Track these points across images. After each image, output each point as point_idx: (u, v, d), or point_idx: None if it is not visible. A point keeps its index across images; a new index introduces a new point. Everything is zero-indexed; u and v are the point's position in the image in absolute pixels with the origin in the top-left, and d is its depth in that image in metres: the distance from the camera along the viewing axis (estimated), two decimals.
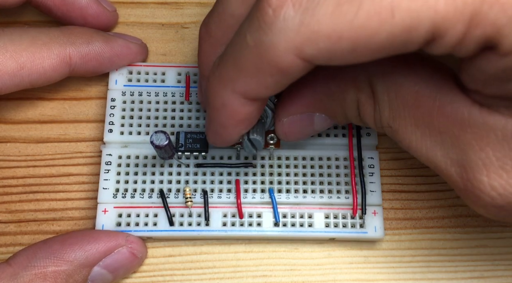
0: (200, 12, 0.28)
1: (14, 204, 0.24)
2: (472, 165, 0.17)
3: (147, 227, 0.23)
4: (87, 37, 0.24)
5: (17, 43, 0.22)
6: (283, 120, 0.21)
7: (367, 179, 0.24)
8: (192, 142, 0.24)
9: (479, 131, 0.17)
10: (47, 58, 0.23)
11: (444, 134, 0.18)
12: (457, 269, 0.24)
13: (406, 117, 0.18)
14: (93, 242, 0.21)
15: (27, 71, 0.22)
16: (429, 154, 0.18)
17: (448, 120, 0.17)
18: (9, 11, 0.28)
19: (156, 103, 0.25)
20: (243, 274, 0.24)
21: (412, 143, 0.19)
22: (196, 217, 0.23)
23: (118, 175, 0.23)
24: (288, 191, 0.23)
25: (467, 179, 0.17)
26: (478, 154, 0.17)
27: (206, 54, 0.21)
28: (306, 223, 0.23)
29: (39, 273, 0.20)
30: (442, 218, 0.25)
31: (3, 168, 0.25)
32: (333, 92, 0.20)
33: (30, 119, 0.26)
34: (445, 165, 0.18)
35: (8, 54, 0.22)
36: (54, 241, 0.21)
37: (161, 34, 0.28)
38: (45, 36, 0.23)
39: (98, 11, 0.25)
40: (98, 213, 0.23)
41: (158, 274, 0.23)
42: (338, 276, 0.24)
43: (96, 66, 0.24)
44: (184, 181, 0.23)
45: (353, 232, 0.23)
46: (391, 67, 0.19)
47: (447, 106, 0.18)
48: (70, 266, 0.21)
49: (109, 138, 0.24)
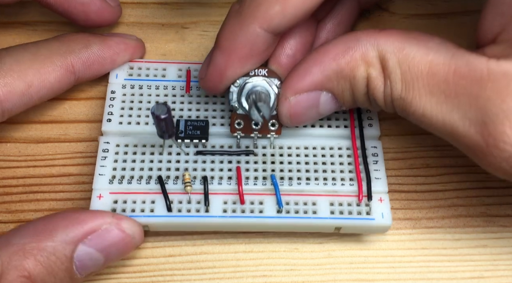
0: (200, 12, 0.28)
1: (14, 204, 0.24)
2: (494, 119, 0.18)
3: (144, 213, 0.22)
4: (84, 41, 0.24)
5: (21, 62, 0.22)
6: (289, 99, 0.21)
7: (371, 167, 0.23)
8: (192, 128, 0.23)
9: (499, 84, 0.17)
10: (52, 72, 0.23)
11: (462, 96, 0.18)
12: (457, 269, 0.24)
13: (421, 88, 0.19)
14: (77, 218, 0.20)
15: (35, 88, 0.23)
16: (445, 119, 0.19)
17: (466, 82, 0.18)
18: (9, 11, 0.28)
19: (156, 96, 0.25)
20: (243, 274, 0.24)
21: (427, 111, 0.19)
22: (195, 203, 0.22)
23: (115, 162, 0.23)
24: (291, 178, 0.23)
25: (489, 134, 0.18)
26: (500, 106, 0.17)
27: (232, 28, 0.21)
28: (310, 210, 0.22)
29: (18, 250, 0.19)
30: (442, 218, 0.25)
31: (3, 168, 0.25)
32: (343, 69, 0.20)
33: (30, 120, 0.26)
34: (463, 127, 0.18)
35: (15, 75, 0.22)
36: (37, 220, 0.20)
37: (161, 34, 0.28)
38: (45, 50, 0.23)
39: (101, 7, 0.25)
40: (92, 199, 0.22)
41: (158, 274, 0.23)
42: (338, 276, 0.23)
43: (98, 68, 0.25)
44: (184, 169, 0.23)
45: (359, 218, 0.22)
46: (400, 43, 0.19)
47: (463, 69, 0.18)
48: (52, 242, 0.19)
49: (108, 128, 0.24)
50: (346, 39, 0.20)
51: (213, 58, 0.21)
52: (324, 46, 0.21)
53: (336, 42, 0.21)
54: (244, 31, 0.20)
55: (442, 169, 0.26)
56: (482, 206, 0.25)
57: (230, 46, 0.21)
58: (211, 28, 0.28)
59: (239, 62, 0.21)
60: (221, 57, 0.21)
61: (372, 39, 0.20)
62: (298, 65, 0.21)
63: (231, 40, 0.21)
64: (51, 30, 0.28)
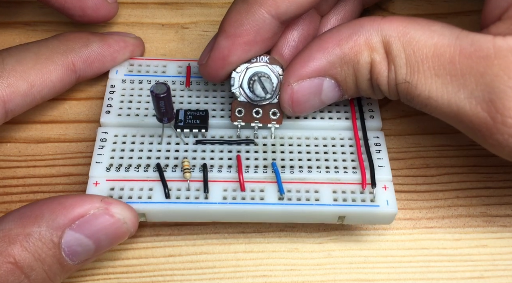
0: (200, 12, 0.28)
1: (14, 204, 0.24)
2: (501, 96, 0.18)
3: (141, 200, 0.21)
4: (84, 40, 0.24)
5: (23, 63, 0.23)
6: (292, 85, 0.21)
7: (374, 156, 0.23)
8: (192, 118, 0.23)
9: (507, 60, 0.18)
10: (53, 71, 0.23)
11: (468, 75, 0.18)
12: (457, 269, 0.24)
13: (426, 70, 0.19)
14: (64, 203, 0.20)
15: (37, 88, 0.23)
16: (451, 100, 0.19)
17: (472, 61, 0.18)
18: (9, 11, 0.28)
19: None
20: (243, 274, 0.24)
21: (433, 93, 0.19)
22: (194, 191, 0.22)
23: (113, 151, 0.23)
24: (292, 167, 0.22)
25: (496, 111, 0.18)
26: (507, 83, 0.18)
27: (238, 13, 0.21)
28: (312, 198, 0.22)
29: (4, 237, 0.18)
30: (442, 218, 0.25)
31: (4, 168, 0.25)
32: (346, 54, 0.20)
33: (31, 120, 0.26)
34: (469, 106, 0.18)
35: (18, 75, 0.22)
36: (25, 206, 0.20)
37: (161, 34, 0.28)
38: (46, 49, 0.23)
39: (98, 3, 0.25)
40: (88, 186, 0.21)
41: (158, 274, 0.23)
42: (338, 276, 0.23)
43: (99, 66, 0.25)
44: (183, 157, 0.22)
45: (364, 205, 0.21)
46: (404, 27, 0.19)
47: (469, 48, 0.18)
48: (38, 228, 0.19)
49: (106, 120, 0.24)
50: (350, 26, 0.20)
51: (217, 42, 0.21)
52: (327, 32, 0.21)
53: (340, 28, 0.21)
54: (251, 16, 0.21)
55: (442, 169, 0.26)
56: (482, 206, 0.25)
57: (235, 31, 0.21)
58: (211, 28, 0.28)
59: (244, 47, 0.21)
60: (225, 42, 0.21)
61: (375, 25, 0.20)
62: (302, 51, 0.21)
63: (237, 25, 0.21)
64: (51, 30, 0.28)
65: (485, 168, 0.26)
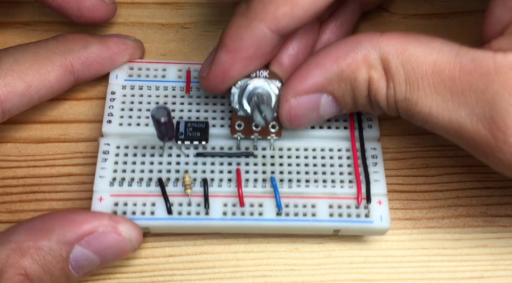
0: (200, 12, 0.28)
1: (14, 204, 0.24)
2: (503, 113, 0.17)
3: (144, 216, 0.22)
4: (83, 41, 0.24)
5: (21, 62, 0.22)
6: (290, 101, 0.21)
7: (370, 169, 0.23)
8: (192, 130, 0.23)
9: (507, 77, 0.17)
10: (51, 71, 0.23)
11: (468, 92, 0.18)
12: (457, 269, 0.24)
13: (426, 87, 0.19)
14: (74, 219, 0.20)
15: (34, 88, 0.23)
16: (452, 117, 0.18)
17: (472, 77, 0.18)
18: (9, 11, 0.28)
19: (156, 97, 0.25)
20: (243, 274, 0.24)
21: (433, 110, 0.19)
22: (195, 206, 0.22)
23: (116, 164, 0.23)
24: (290, 180, 0.23)
25: (497, 129, 0.17)
26: (508, 100, 0.17)
27: (238, 28, 0.21)
28: (309, 213, 0.22)
29: (16, 248, 0.19)
30: (442, 218, 0.25)
31: (4, 168, 0.25)
32: (343, 71, 0.20)
33: (31, 120, 0.26)
34: (471, 123, 0.18)
35: (15, 75, 0.22)
36: (35, 218, 0.21)
37: (161, 34, 0.28)
38: (45, 50, 0.23)
39: (96, 3, 0.25)
40: (93, 201, 0.22)
41: (158, 274, 0.23)
42: (338, 276, 0.24)
43: (98, 68, 0.25)
44: (184, 171, 0.23)
45: (358, 221, 0.22)
46: (402, 44, 0.19)
47: (469, 65, 0.18)
48: (49, 242, 0.20)
49: (108, 129, 0.24)
50: (348, 42, 0.20)
51: (217, 57, 0.21)
52: (325, 49, 0.21)
53: (338, 45, 0.21)
54: (251, 31, 0.20)
55: (442, 169, 0.25)
56: (482, 206, 0.25)
57: (235, 45, 0.21)
58: (211, 28, 0.28)
59: (244, 62, 0.21)
60: (225, 56, 0.21)
61: (373, 42, 0.20)
62: (300, 67, 0.21)
63: (237, 40, 0.21)
64: (51, 30, 0.28)
65: (485, 168, 0.25)
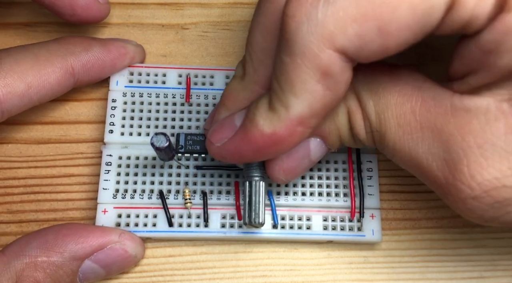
0: (200, 13, 0.28)
1: (15, 205, 0.24)
2: (454, 156, 0.17)
3: (146, 228, 0.23)
4: (85, 44, 0.24)
5: (21, 63, 0.23)
6: (282, 158, 0.21)
7: (365, 182, 0.24)
8: (192, 143, 0.24)
9: (461, 119, 0.17)
10: (51, 73, 0.23)
11: (426, 129, 0.18)
12: (457, 269, 0.24)
13: (390, 118, 0.18)
14: (86, 236, 0.22)
15: (34, 89, 0.23)
16: (411, 151, 0.18)
17: (431, 115, 0.18)
18: (9, 12, 0.28)
19: (157, 105, 0.25)
20: (243, 274, 0.24)
21: (396, 144, 0.19)
22: (195, 218, 0.23)
23: (118, 176, 0.24)
24: (287, 193, 0.24)
25: (449, 172, 0.17)
26: (460, 144, 0.17)
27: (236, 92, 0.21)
28: (304, 225, 0.23)
29: (30, 263, 0.20)
30: (442, 218, 0.25)
31: (5, 168, 0.25)
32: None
33: (31, 121, 0.26)
34: (426, 161, 0.18)
35: (15, 76, 0.22)
36: (48, 231, 0.22)
37: (161, 35, 0.28)
38: (46, 51, 0.23)
39: (89, 2, 0.25)
40: (97, 213, 0.23)
41: (158, 274, 0.23)
42: (337, 276, 0.24)
43: (98, 71, 0.25)
44: (184, 182, 0.24)
45: (350, 235, 0.23)
46: (372, 74, 0.19)
47: (429, 102, 0.18)
48: (61, 257, 0.21)
49: (110, 139, 0.24)
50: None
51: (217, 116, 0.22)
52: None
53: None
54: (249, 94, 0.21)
55: None
56: None
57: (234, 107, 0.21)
58: (211, 29, 0.28)
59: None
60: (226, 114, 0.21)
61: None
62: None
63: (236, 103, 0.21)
64: (51, 31, 0.28)
65: None
